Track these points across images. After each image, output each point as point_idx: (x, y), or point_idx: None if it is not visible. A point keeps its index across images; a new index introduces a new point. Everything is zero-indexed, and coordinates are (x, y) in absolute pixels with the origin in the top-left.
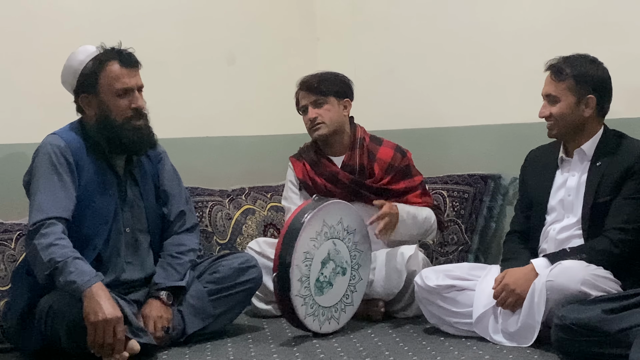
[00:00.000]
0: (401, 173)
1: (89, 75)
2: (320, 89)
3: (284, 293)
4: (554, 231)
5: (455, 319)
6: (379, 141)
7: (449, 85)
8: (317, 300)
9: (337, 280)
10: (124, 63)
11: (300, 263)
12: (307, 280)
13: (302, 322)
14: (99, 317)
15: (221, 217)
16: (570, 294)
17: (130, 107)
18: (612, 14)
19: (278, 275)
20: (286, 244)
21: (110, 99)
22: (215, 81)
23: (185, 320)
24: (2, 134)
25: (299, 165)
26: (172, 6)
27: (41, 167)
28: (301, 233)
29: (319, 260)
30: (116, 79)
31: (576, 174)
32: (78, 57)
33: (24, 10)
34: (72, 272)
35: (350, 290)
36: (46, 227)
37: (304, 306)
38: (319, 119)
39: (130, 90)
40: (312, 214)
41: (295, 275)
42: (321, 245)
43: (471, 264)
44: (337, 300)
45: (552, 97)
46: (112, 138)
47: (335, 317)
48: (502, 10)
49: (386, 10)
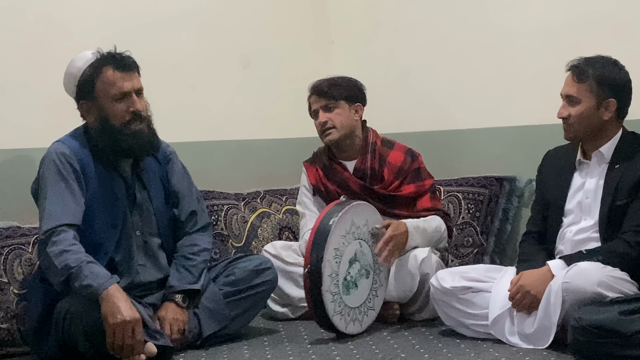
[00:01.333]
0: (411, 176)
1: (86, 82)
2: (330, 93)
3: (315, 288)
4: (570, 233)
5: (471, 320)
6: (391, 144)
7: (463, 88)
8: (345, 299)
9: (362, 282)
10: (119, 67)
11: (331, 259)
12: (337, 277)
13: (330, 319)
14: (117, 319)
15: (237, 220)
16: (586, 296)
17: (129, 111)
18: (625, 14)
19: (310, 269)
20: (318, 238)
21: (108, 104)
22: (230, 85)
23: (202, 323)
24: (19, 138)
25: (312, 170)
26: (187, 11)
27: (48, 175)
28: (333, 229)
29: (347, 259)
30: (112, 84)
31: (594, 177)
32: (76, 64)
33: (37, 17)
34: (87, 276)
35: (373, 294)
36: (57, 234)
37: (332, 303)
38: (329, 123)
39: (127, 94)
40: (343, 212)
41: (326, 271)
42: (349, 244)
43: (487, 266)
44: (362, 302)
45: (572, 98)
46: (113, 143)
47: (359, 319)
48: (515, 12)
49: (400, 13)
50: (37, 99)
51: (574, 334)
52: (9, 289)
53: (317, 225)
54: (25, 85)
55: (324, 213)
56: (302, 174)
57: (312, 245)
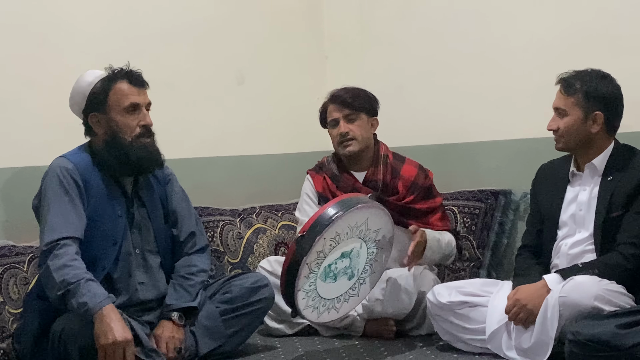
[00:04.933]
0: (424, 193)
1: (98, 94)
2: (354, 104)
3: (298, 256)
4: (565, 246)
5: (468, 335)
6: (402, 159)
7: (457, 102)
8: (318, 283)
9: (341, 280)
10: (133, 82)
11: (328, 239)
12: (323, 259)
13: (295, 292)
14: (109, 340)
15: (232, 236)
16: (583, 310)
17: (139, 125)
18: (621, 27)
19: (302, 236)
20: (326, 215)
21: (119, 116)
22: (225, 101)
23: (198, 341)
24: (13, 157)
25: (319, 178)
26: (181, 27)
27: (51, 189)
28: (346, 214)
29: (341, 250)
30: (125, 96)
31: (587, 189)
32: (86, 79)
33: (35, 34)
34: (84, 294)
35: (345, 298)
36: (60, 247)
37: (306, 278)
38: (350, 134)
39: (139, 106)
40: (366, 205)
41: (317, 246)
42: (351, 238)
43: (483, 280)
44: (331, 297)
45: (560, 110)
46: (121, 156)
47: (319, 310)
48: (510, 26)
49: (394, 27)
50: (31, 118)
51: (571, 347)
52: (5, 308)
53: (334, 203)
54: (19, 104)
55: (347, 196)
56: (306, 182)
57: (318, 217)
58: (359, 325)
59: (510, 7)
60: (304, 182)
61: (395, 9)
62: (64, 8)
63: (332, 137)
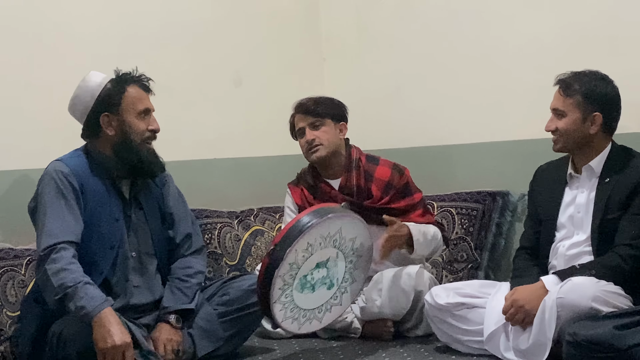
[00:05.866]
0: (400, 192)
1: (110, 95)
2: (317, 111)
3: (270, 269)
4: (563, 247)
5: (466, 337)
6: (376, 160)
7: (455, 103)
8: (295, 294)
9: (320, 290)
10: (142, 87)
11: (300, 250)
12: (297, 271)
13: (270, 305)
14: (107, 343)
15: (230, 238)
16: (581, 311)
17: (148, 129)
18: (618, 28)
19: (274, 249)
20: (297, 226)
21: (132, 119)
22: (222, 103)
23: (196, 343)
24: (11, 160)
25: (297, 191)
26: (179, 29)
27: (47, 193)
28: (317, 224)
29: (316, 260)
30: (139, 100)
31: (585, 191)
32: (94, 79)
33: (31, 37)
34: (83, 298)
35: (327, 307)
36: (57, 252)
37: (280, 290)
38: (316, 141)
39: (149, 112)
40: (336, 215)
41: (289, 258)
42: (326, 248)
43: (481, 281)
44: (311, 307)
45: (558, 111)
46: (131, 157)
47: (300, 321)
48: (507, 27)
49: (391, 29)
50: (28, 121)
51: (569, 349)
52: (3, 311)
53: (306, 213)
54: (16, 107)
55: (320, 206)
56: (287, 196)
57: (290, 229)
58: (357, 327)
59: (509, 9)
60: (285, 195)
61: (392, 11)
62: (61, 11)
63: (301, 146)
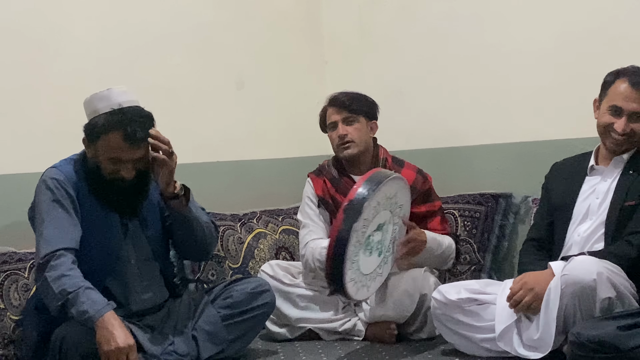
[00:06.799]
0: (423, 197)
1: (93, 128)
2: (352, 107)
3: (348, 222)
4: (578, 236)
5: (477, 334)
6: (401, 163)
7: (457, 105)
8: (360, 255)
9: (374, 255)
10: (127, 138)
11: (372, 207)
12: (366, 229)
13: (344, 263)
14: (111, 346)
15: (233, 241)
16: (584, 287)
17: (118, 173)
18: (619, 30)
19: (351, 204)
20: (373, 179)
21: (103, 159)
22: (224, 106)
23: (200, 346)
24: (14, 163)
25: (319, 182)
26: (180, 32)
27: (44, 201)
28: (385, 184)
29: (378, 222)
30: (113, 149)
31: (608, 180)
32: (97, 103)
33: (33, 41)
34: (84, 302)
35: (374, 275)
36: (56, 258)
37: (354, 247)
38: (349, 137)
39: (123, 161)
40: (397, 177)
41: (365, 213)
42: (384, 211)
43: (486, 280)
44: (366, 272)
45: (638, 114)
46: (99, 187)
47: (358, 286)
48: (509, 29)
49: (393, 32)
50: (30, 124)
51: (573, 349)
52: (6, 314)
53: (372, 173)
54: (17, 110)
55: (378, 169)
56: (307, 185)
57: (361, 187)
58: (361, 329)
59: (509, 12)
60: (305, 185)
61: (394, 14)
62: (64, 14)
63: (332, 140)
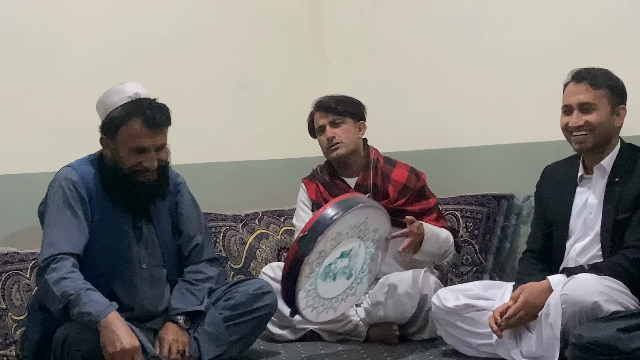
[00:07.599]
0: (416, 195)
1: (112, 121)
2: (338, 109)
3: (300, 256)
4: (574, 251)
5: (475, 339)
6: (393, 162)
7: (459, 106)
8: (318, 282)
9: (340, 280)
10: (148, 123)
11: (330, 239)
12: (323, 259)
13: (296, 292)
14: (117, 348)
15: (235, 242)
16: (585, 307)
17: (141, 165)
18: (622, 31)
19: (304, 236)
20: (329, 214)
21: (124, 151)
22: (226, 107)
23: (201, 348)
24: (16, 164)
25: (312, 186)
26: (183, 33)
27: (55, 201)
28: (348, 214)
29: (341, 250)
30: (134, 137)
31: (597, 191)
32: (112, 97)
33: (37, 40)
34: (86, 303)
35: (342, 297)
36: (56, 262)
37: (307, 278)
38: (337, 139)
39: (145, 149)
40: (365, 205)
41: (319, 246)
42: (351, 238)
43: (487, 282)
44: (329, 296)
45: (587, 105)
46: (117, 185)
47: (318, 310)
48: (511, 30)
49: (396, 32)
50: (34, 125)
51: (574, 351)
52: (8, 315)
53: (335, 202)
54: (22, 111)
55: (349, 195)
56: (301, 190)
57: (321, 216)
58: (362, 330)
59: (510, 14)
60: (299, 190)
61: (396, 15)
62: (67, 16)
63: (321, 143)
